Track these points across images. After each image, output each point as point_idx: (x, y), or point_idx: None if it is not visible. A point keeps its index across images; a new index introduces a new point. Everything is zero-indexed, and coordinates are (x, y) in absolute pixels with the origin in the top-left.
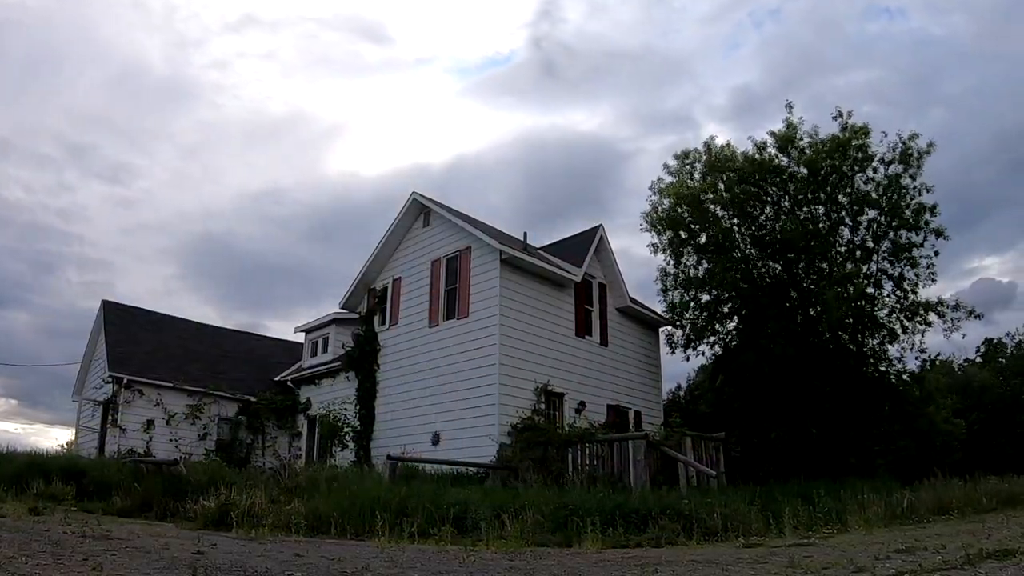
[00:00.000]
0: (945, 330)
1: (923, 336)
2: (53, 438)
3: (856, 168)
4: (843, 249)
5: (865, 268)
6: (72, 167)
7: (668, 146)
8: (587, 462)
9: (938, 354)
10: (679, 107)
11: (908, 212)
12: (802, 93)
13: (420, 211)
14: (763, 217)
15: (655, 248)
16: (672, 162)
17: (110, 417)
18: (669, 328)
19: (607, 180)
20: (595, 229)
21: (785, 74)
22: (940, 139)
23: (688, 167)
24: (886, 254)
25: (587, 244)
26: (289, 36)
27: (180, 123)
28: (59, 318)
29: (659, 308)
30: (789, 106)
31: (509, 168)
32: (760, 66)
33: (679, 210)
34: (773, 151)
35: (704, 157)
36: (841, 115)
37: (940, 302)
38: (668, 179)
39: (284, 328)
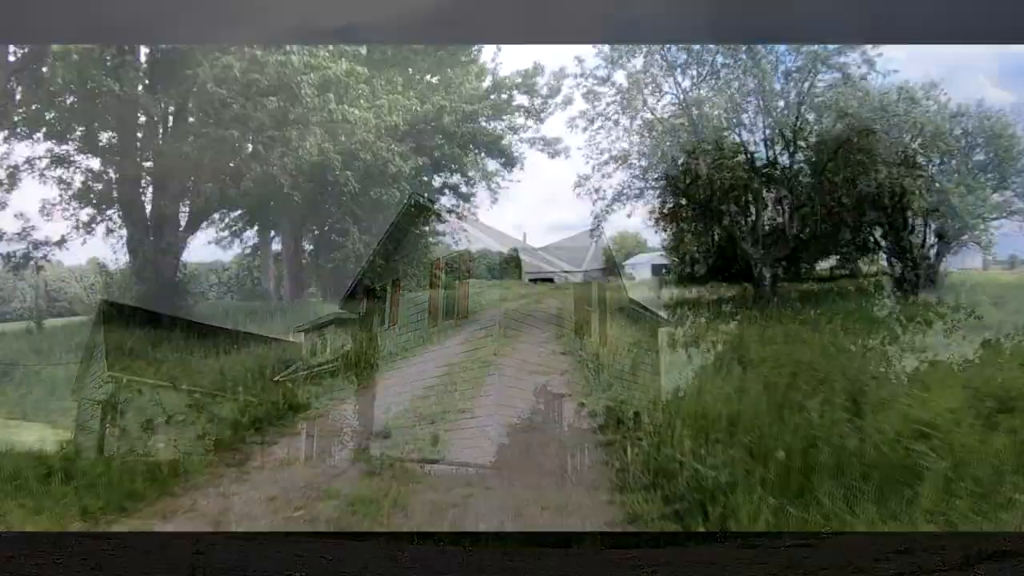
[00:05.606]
0: (945, 332)
1: (924, 337)
2: (14, 430)
3: (860, 170)
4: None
5: (866, 269)
6: None
7: None
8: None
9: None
10: None
11: (909, 214)
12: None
13: (420, 211)
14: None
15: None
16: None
17: (109, 416)
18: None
19: None
20: (595, 230)
21: None
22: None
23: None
24: (888, 255)
25: (587, 244)
26: None
27: None
28: None
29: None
30: (799, 105)
31: None
32: None
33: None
34: (778, 149)
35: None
36: (847, 114)
37: (939, 303)
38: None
39: None
